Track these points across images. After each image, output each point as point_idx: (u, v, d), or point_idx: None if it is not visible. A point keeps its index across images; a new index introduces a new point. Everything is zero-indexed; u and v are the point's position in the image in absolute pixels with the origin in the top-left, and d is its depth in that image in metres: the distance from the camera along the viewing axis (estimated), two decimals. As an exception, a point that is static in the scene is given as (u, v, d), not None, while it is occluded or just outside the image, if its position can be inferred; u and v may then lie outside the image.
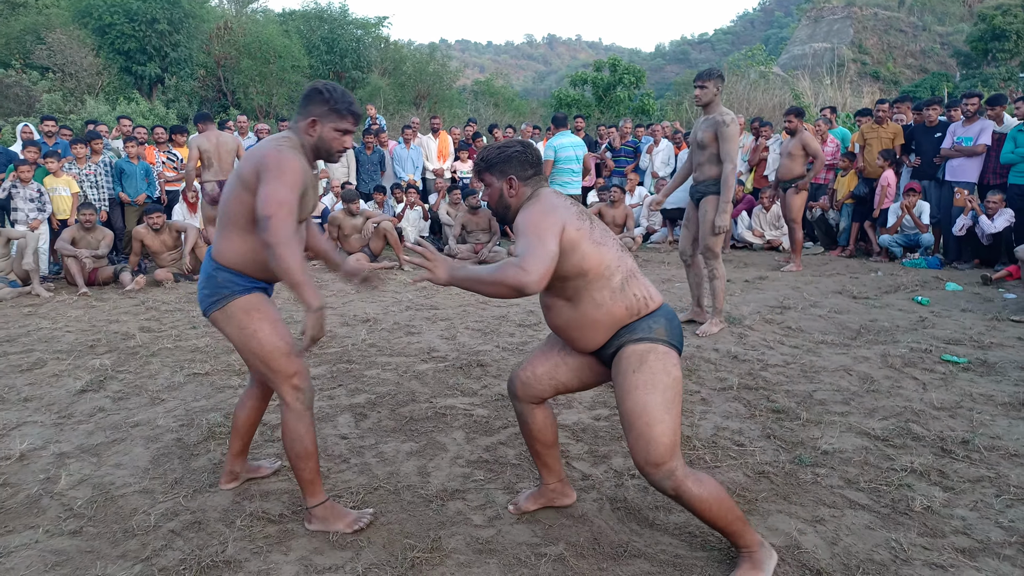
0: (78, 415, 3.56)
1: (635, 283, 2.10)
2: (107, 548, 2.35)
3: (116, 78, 22.06)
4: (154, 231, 7.13)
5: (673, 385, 2.03)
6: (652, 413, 1.99)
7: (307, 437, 2.33)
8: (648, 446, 1.99)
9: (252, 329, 2.28)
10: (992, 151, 7.20)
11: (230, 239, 2.29)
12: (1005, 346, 4.51)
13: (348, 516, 2.41)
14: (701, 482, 2.04)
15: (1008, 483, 2.72)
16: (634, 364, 2.04)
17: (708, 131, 4.75)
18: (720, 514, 2.06)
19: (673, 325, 2.12)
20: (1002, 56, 33.44)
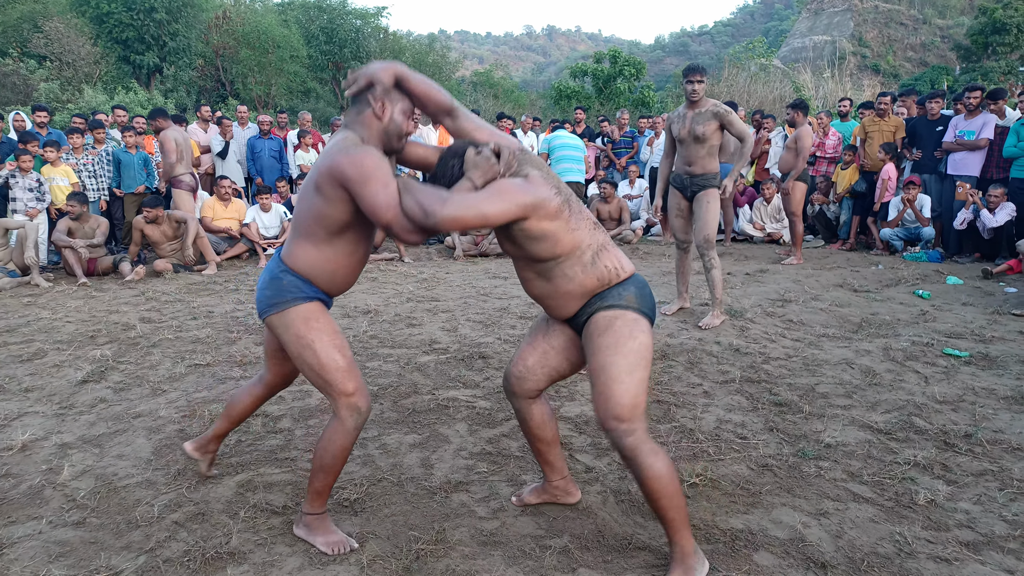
0: (79, 406, 3.55)
1: (606, 255, 2.12)
2: (111, 539, 2.35)
3: (114, 67, 21.96)
4: (150, 223, 7.11)
5: (638, 349, 2.06)
6: (612, 373, 2.03)
7: (342, 455, 2.22)
8: (607, 402, 2.03)
9: (309, 339, 2.18)
10: (994, 145, 7.19)
11: (304, 247, 2.18)
12: (1006, 340, 4.51)
13: (333, 536, 2.29)
14: (658, 455, 2.04)
15: (1011, 477, 2.72)
16: (601, 328, 2.09)
17: (709, 123, 4.74)
18: (667, 495, 2.04)
19: (644, 293, 2.15)
20: (1002, 50, 33.35)
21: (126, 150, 8.03)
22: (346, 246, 2.17)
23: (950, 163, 7.50)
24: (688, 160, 4.90)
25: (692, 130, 4.81)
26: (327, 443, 2.21)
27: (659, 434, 3.13)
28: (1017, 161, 6.91)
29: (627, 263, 2.17)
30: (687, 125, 4.83)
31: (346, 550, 2.25)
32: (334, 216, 2.09)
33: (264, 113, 11.27)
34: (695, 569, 2.09)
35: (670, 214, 5.15)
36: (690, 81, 4.78)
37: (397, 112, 2.16)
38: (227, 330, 4.92)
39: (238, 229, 7.94)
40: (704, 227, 4.88)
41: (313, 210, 2.11)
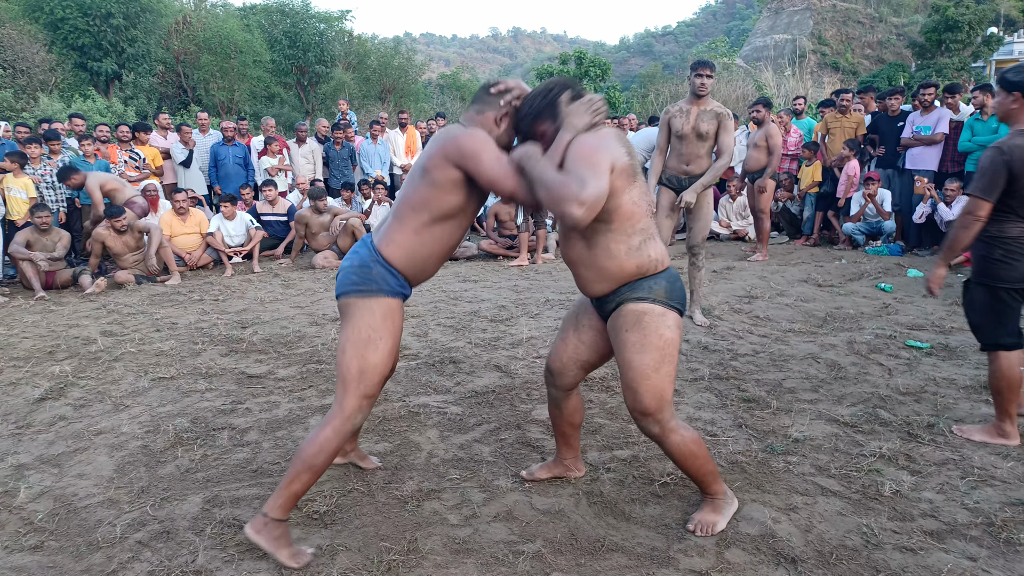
0: (37, 424, 3.45)
1: (653, 244, 2.16)
2: (70, 563, 2.28)
3: (71, 74, 21.46)
4: (118, 233, 6.95)
5: (664, 346, 2.14)
6: (640, 370, 2.14)
7: (332, 455, 2.20)
8: (635, 396, 2.17)
9: (377, 336, 2.19)
10: (950, 139, 7.37)
11: (403, 233, 2.20)
12: (965, 330, 4.62)
13: (293, 547, 2.24)
14: (682, 434, 2.24)
15: (972, 465, 2.78)
16: (630, 323, 2.15)
17: (712, 122, 4.63)
18: (696, 466, 2.29)
19: (675, 287, 2.19)
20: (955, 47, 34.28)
21: (84, 159, 7.83)
22: (444, 233, 2.22)
23: (908, 158, 7.67)
24: (687, 158, 4.74)
25: (697, 126, 4.65)
26: (320, 441, 2.17)
27: (630, 434, 3.14)
28: (972, 155, 7.09)
29: (666, 258, 2.21)
30: (692, 121, 4.67)
31: (307, 560, 2.22)
32: (442, 201, 2.15)
33: (227, 119, 11.09)
34: (723, 508, 2.38)
35: (659, 214, 4.92)
36: (699, 75, 4.62)
37: (509, 133, 2.27)
38: (192, 342, 4.83)
39: (199, 243, 7.76)
40: (704, 228, 4.83)
41: (419, 194, 2.17)
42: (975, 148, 7.00)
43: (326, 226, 7.91)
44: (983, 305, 2.99)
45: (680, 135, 4.72)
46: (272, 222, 8.40)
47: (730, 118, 4.66)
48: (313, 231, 7.93)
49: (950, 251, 2.98)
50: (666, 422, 2.21)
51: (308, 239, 8.02)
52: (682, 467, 2.30)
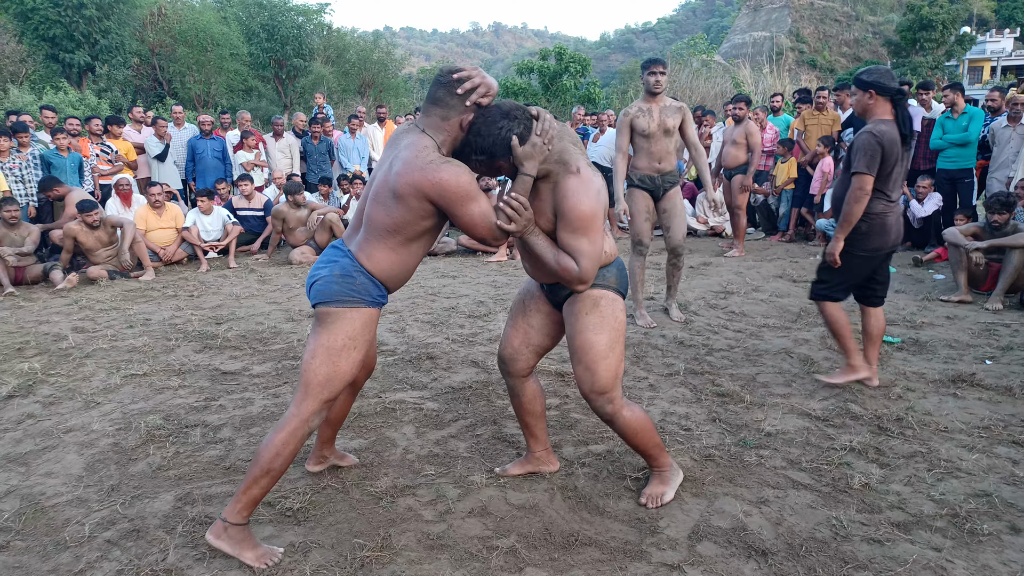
0: (4, 422, 3.38)
1: (606, 240, 2.30)
2: (37, 563, 2.24)
3: (42, 66, 21.03)
4: (91, 228, 6.83)
5: (618, 328, 2.32)
6: (598, 351, 2.29)
7: (289, 459, 2.18)
8: (593, 377, 2.31)
9: (352, 345, 2.18)
10: (921, 137, 7.48)
11: (381, 251, 2.18)
12: (935, 325, 4.70)
13: (259, 548, 2.22)
14: (633, 411, 2.41)
15: (939, 457, 2.83)
16: (588, 307, 2.29)
17: (676, 116, 4.67)
18: (644, 439, 2.45)
19: (622, 276, 2.37)
20: (929, 45, 34.79)
21: (57, 152, 7.68)
22: (418, 248, 2.24)
23: (882, 155, 7.77)
24: (658, 156, 4.72)
25: (663, 123, 4.66)
26: (280, 446, 2.15)
27: (605, 429, 3.16)
28: (943, 152, 7.20)
29: (614, 247, 2.36)
30: (656, 118, 4.67)
31: (275, 560, 2.20)
32: (419, 225, 2.14)
33: (204, 113, 10.94)
34: (671, 479, 2.54)
35: (637, 217, 4.84)
36: (652, 72, 4.65)
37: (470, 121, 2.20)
38: (165, 338, 4.77)
39: (175, 238, 7.66)
40: (681, 226, 4.80)
41: (394, 218, 2.13)
42: (946, 146, 7.12)
43: (303, 221, 7.84)
44: (839, 267, 3.48)
45: (647, 134, 4.71)
46: (248, 217, 8.31)
47: (689, 112, 4.79)
48: (290, 226, 7.86)
49: (846, 224, 3.36)
50: (618, 399, 2.36)
51: (285, 234, 7.95)
52: (633, 442, 2.44)
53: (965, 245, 5.39)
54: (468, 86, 2.11)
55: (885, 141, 3.21)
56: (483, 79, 2.15)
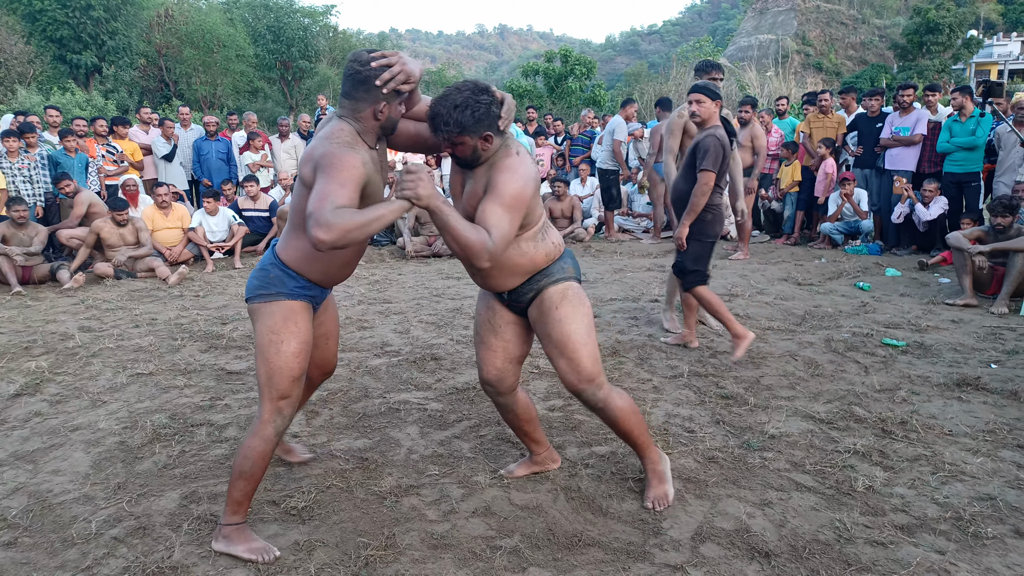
0: (12, 420, 3.41)
1: (550, 232, 2.31)
2: (44, 559, 2.26)
3: (49, 67, 21.16)
4: (118, 225, 6.94)
5: (588, 313, 2.34)
6: (578, 339, 2.28)
7: (260, 461, 2.22)
8: (579, 367, 2.29)
9: (278, 339, 2.18)
10: (928, 140, 7.47)
11: (295, 239, 2.18)
12: (940, 329, 4.70)
13: (254, 542, 2.25)
14: (621, 396, 2.41)
15: (943, 461, 2.83)
16: (556, 300, 2.29)
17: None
18: (633, 425, 2.44)
19: (576, 263, 2.41)
20: (936, 49, 34.70)
21: (65, 153, 7.73)
22: None
23: (887, 158, 7.77)
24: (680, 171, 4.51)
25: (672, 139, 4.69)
26: (247, 449, 2.22)
27: (609, 431, 3.15)
28: (949, 156, 7.19)
29: (561, 239, 2.37)
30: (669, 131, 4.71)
31: (269, 557, 2.22)
32: None
33: (210, 114, 11.00)
34: (665, 473, 2.55)
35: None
36: (713, 78, 4.56)
37: (395, 110, 2.15)
38: (171, 338, 4.79)
39: (181, 238, 7.70)
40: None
41: (300, 202, 2.11)
42: (953, 149, 7.11)
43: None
44: (696, 255, 4.05)
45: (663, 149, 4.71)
46: (254, 218, 8.34)
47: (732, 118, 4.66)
48: (296, 227, 7.88)
49: (692, 213, 3.96)
50: (606, 384, 2.36)
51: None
52: (624, 429, 2.42)
53: (969, 249, 5.38)
54: (387, 76, 2.04)
55: (724, 143, 3.87)
56: (403, 66, 2.07)
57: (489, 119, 2.10)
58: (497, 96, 2.13)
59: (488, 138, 2.12)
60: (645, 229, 9.38)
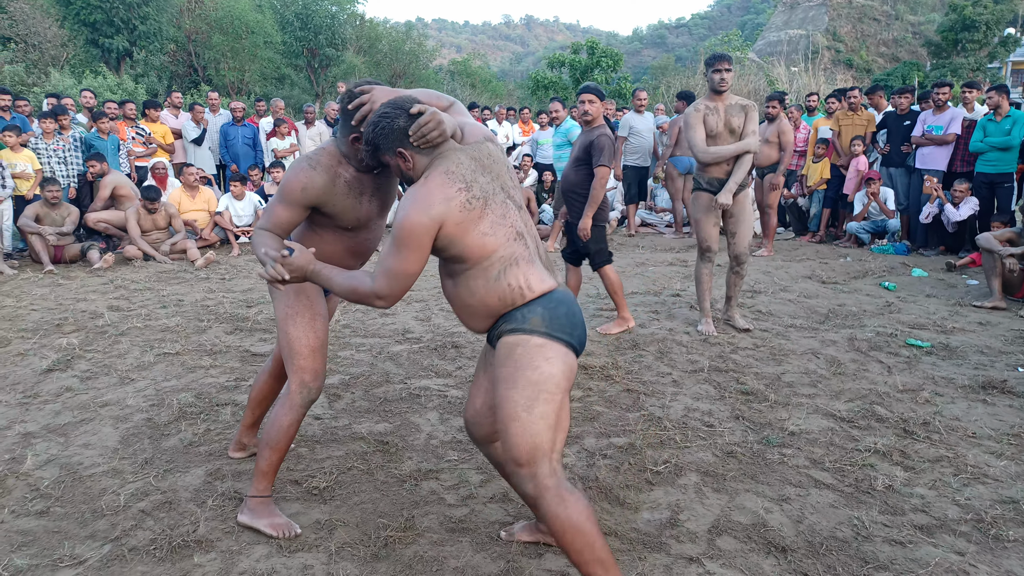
0: (44, 394, 3.50)
1: (514, 272, 1.86)
2: (75, 528, 2.33)
3: (82, 50, 21.49)
4: (149, 212, 7.07)
5: (540, 381, 1.79)
6: (508, 409, 1.80)
7: (287, 432, 2.29)
8: (505, 443, 1.82)
9: (293, 312, 2.30)
10: (961, 139, 7.34)
11: (300, 232, 2.37)
12: (967, 331, 4.63)
13: (277, 518, 2.31)
14: (565, 503, 1.77)
15: (965, 463, 2.81)
16: (502, 357, 1.86)
17: (741, 115, 4.41)
18: (578, 546, 1.77)
19: (556, 314, 1.85)
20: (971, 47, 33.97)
21: (98, 135, 7.87)
22: (329, 236, 2.32)
23: (918, 157, 7.64)
24: (733, 160, 4.42)
25: (728, 122, 4.38)
26: (275, 418, 2.30)
27: (628, 422, 3.18)
28: (983, 156, 7.06)
29: (539, 282, 1.88)
30: (723, 116, 4.39)
31: (290, 533, 2.28)
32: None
33: (237, 100, 11.12)
34: None
35: (704, 223, 4.55)
36: (717, 70, 4.36)
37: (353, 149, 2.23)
38: (197, 319, 4.88)
39: (207, 221, 7.81)
40: (747, 234, 4.55)
41: None
42: (986, 149, 6.97)
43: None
44: (596, 238, 4.41)
45: (713, 134, 4.43)
46: (279, 203, 8.42)
47: (755, 109, 4.45)
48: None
49: (594, 204, 4.27)
50: (542, 479, 1.78)
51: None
52: (563, 544, 1.78)
53: (999, 251, 5.29)
54: (359, 116, 2.12)
55: (612, 140, 4.23)
56: (373, 105, 2.08)
57: (393, 135, 1.88)
58: (412, 111, 1.88)
59: (402, 155, 1.90)
60: (668, 224, 9.34)
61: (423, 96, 2.16)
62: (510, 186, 1.97)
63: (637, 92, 9.06)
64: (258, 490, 2.34)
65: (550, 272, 1.98)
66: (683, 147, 8.77)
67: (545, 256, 2.03)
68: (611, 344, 4.33)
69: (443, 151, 1.90)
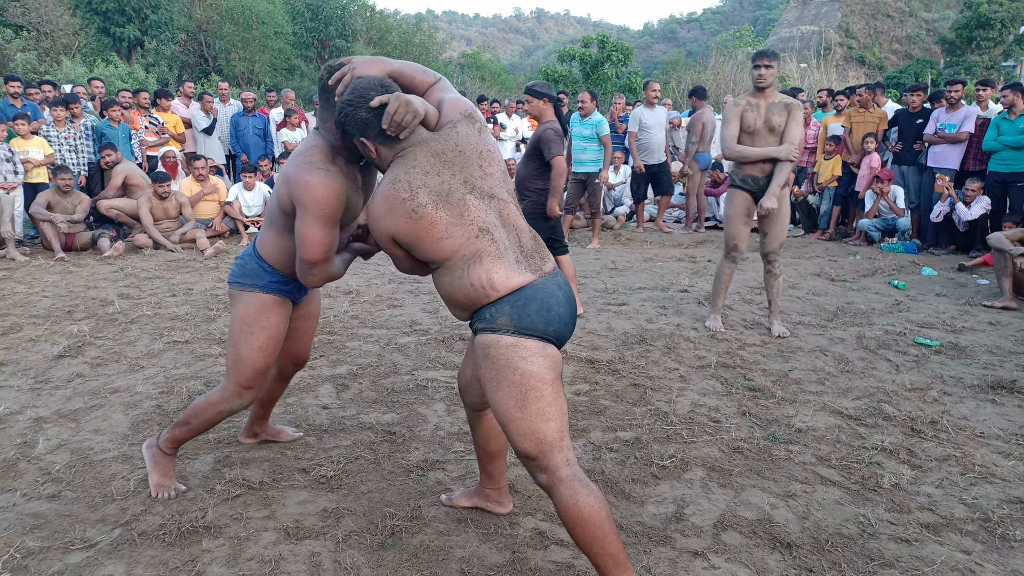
0: (55, 380, 3.53)
1: (476, 270, 1.81)
2: (86, 512, 2.35)
3: (93, 39, 21.56)
4: (160, 199, 7.10)
5: (522, 381, 1.77)
6: (503, 412, 1.81)
7: (208, 421, 2.38)
8: (511, 442, 1.83)
9: (251, 330, 2.28)
10: (974, 138, 7.28)
11: (271, 235, 2.25)
12: (976, 330, 4.61)
13: (168, 480, 2.44)
14: (577, 495, 1.77)
15: (973, 462, 2.80)
16: (480, 358, 1.84)
17: (783, 114, 4.28)
18: (591, 536, 1.77)
19: (525, 312, 1.80)
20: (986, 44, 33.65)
21: (109, 124, 7.91)
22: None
23: (930, 156, 7.59)
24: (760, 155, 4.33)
25: (768, 120, 4.28)
26: (201, 406, 2.38)
27: (634, 417, 3.18)
28: (996, 154, 7.01)
29: (504, 280, 1.81)
30: (763, 114, 4.29)
31: (165, 496, 2.40)
32: (286, 215, 2.17)
33: (247, 90, 11.14)
34: None
35: (735, 221, 4.49)
36: (758, 66, 4.31)
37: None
38: (206, 308, 4.90)
39: (218, 211, 7.85)
40: (780, 233, 4.41)
41: (274, 206, 2.22)
42: (1000, 148, 6.92)
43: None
44: (553, 226, 4.49)
45: (751, 131, 4.32)
46: (289, 194, 8.45)
47: (800, 108, 4.30)
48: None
49: (558, 192, 4.45)
50: (555, 470, 1.79)
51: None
52: (574, 535, 1.79)
53: (1010, 250, 5.26)
54: (341, 89, 1.96)
55: (560, 132, 4.42)
56: (353, 74, 1.98)
57: (355, 123, 1.85)
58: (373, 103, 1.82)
59: (366, 145, 1.88)
60: (676, 219, 9.32)
61: (407, 69, 2.06)
62: (477, 176, 1.87)
63: (650, 84, 8.84)
64: (167, 447, 2.44)
65: (527, 264, 1.87)
66: (704, 142, 8.73)
67: (531, 243, 1.93)
68: (618, 339, 4.33)
69: (405, 146, 1.86)
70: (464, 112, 1.93)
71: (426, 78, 2.08)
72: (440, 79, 2.11)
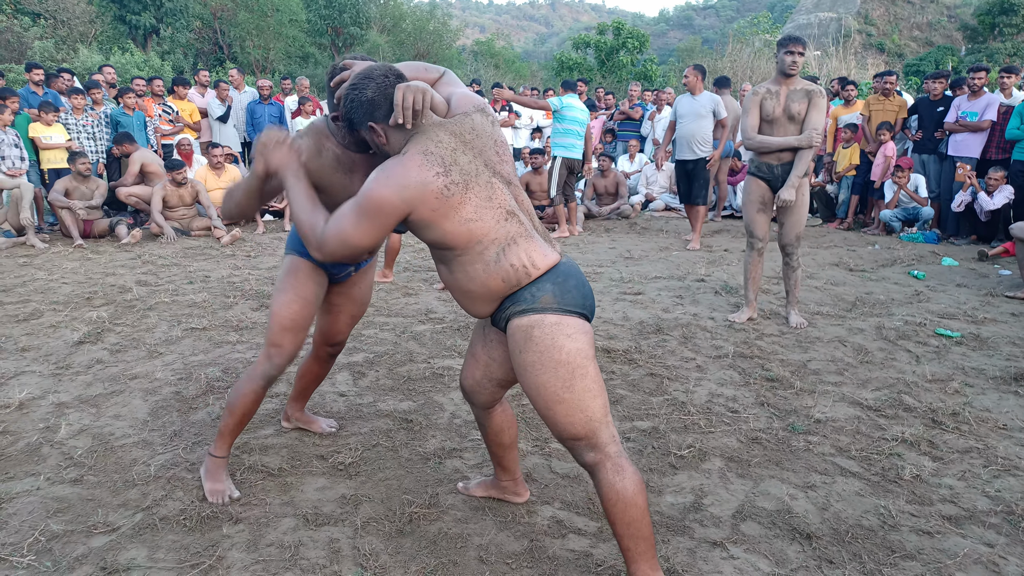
0: (76, 366, 3.57)
1: (514, 251, 1.79)
2: (108, 496, 2.38)
3: (109, 27, 21.65)
4: (176, 185, 7.14)
5: (568, 360, 1.76)
6: (550, 394, 1.77)
7: (247, 399, 2.36)
8: (556, 426, 1.81)
9: (282, 287, 2.37)
10: (996, 126, 7.16)
11: None
12: (998, 321, 4.55)
13: (220, 485, 2.39)
14: (623, 474, 1.79)
15: (996, 454, 2.76)
16: (520, 342, 1.80)
17: (804, 102, 4.18)
18: (625, 519, 1.79)
19: (566, 287, 1.81)
20: (1009, 31, 33.01)
21: (124, 112, 7.95)
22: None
23: (951, 144, 7.48)
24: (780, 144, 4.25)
25: (788, 108, 4.20)
26: (239, 383, 2.40)
27: (651, 406, 3.17)
28: (1019, 143, 6.88)
29: (542, 257, 1.82)
30: (782, 102, 4.21)
31: (221, 501, 2.35)
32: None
33: (263, 78, 11.15)
34: None
35: (750, 208, 4.44)
36: (790, 52, 4.19)
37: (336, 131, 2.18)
38: (224, 295, 4.93)
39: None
40: (798, 223, 4.33)
41: None
42: (1023, 136, 6.80)
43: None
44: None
45: (770, 119, 4.25)
46: (304, 182, 8.47)
47: (822, 96, 4.19)
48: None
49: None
50: (603, 446, 1.79)
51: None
52: (612, 515, 1.80)
53: (1036, 240, 5.17)
54: (339, 93, 1.96)
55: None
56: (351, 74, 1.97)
57: (362, 108, 1.79)
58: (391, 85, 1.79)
59: (374, 130, 1.82)
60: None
61: (409, 69, 2.06)
62: (495, 161, 1.85)
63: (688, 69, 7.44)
64: (216, 451, 2.43)
65: (550, 243, 1.89)
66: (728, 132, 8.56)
67: (542, 228, 1.94)
68: (634, 328, 4.31)
69: (421, 127, 1.79)
70: (477, 106, 1.91)
71: (430, 75, 2.09)
72: (445, 72, 2.11)
